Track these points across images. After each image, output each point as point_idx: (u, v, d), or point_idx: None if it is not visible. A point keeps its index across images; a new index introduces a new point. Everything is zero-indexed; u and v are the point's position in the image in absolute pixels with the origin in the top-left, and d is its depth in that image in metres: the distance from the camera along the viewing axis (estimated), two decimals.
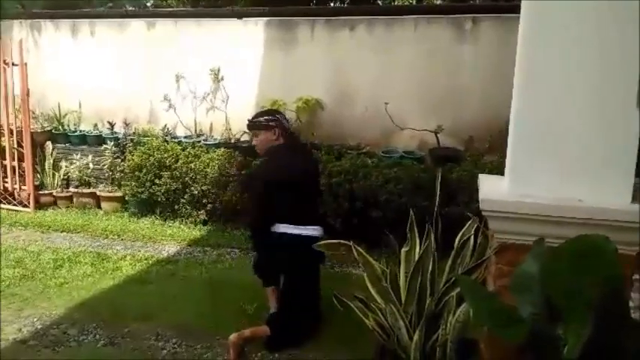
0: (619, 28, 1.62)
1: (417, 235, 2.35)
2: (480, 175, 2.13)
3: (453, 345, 2.03)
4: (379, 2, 9.77)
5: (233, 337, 2.85)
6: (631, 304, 1.63)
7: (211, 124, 5.71)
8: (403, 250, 2.31)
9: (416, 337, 2.05)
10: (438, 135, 4.88)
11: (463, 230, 2.25)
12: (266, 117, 3.15)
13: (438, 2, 10.61)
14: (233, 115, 5.57)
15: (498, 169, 3.06)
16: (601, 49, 1.65)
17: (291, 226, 2.96)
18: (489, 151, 4.73)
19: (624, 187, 1.68)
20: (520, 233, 1.74)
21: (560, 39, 1.68)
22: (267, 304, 3.24)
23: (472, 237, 2.18)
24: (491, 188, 1.88)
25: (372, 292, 2.29)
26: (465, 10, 5.23)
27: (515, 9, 1.99)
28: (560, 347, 1.24)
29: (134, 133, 5.73)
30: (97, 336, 3.10)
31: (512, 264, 1.63)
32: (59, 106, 6.05)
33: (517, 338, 1.31)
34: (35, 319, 3.27)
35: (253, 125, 3.18)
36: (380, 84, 5.17)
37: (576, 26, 1.66)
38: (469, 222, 2.24)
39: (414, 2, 10.34)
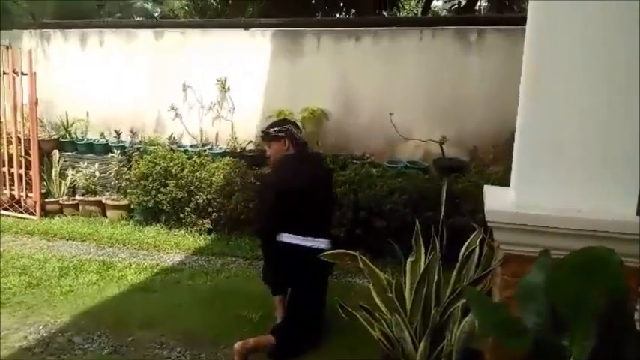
0: (626, 41, 1.63)
1: (422, 245, 2.36)
2: (485, 186, 2.13)
3: (458, 355, 2.03)
4: (384, 13, 9.84)
5: (238, 345, 2.85)
6: (636, 315, 1.63)
7: (217, 133, 5.75)
8: (409, 260, 2.32)
9: (421, 347, 2.05)
10: (443, 145, 4.90)
11: (468, 241, 2.26)
12: (275, 128, 3.18)
13: (443, 14, 10.69)
14: (239, 124, 5.61)
15: (503, 181, 3.07)
16: (607, 61, 1.67)
17: (297, 236, 2.95)
18: (494, 162, 4.74)
19: (629, 199, 1.69)
20: (525, 244, 1.74)
21: (567, 51, 1.70)
22: (272, 313, 3.25)
23: (477, 248, 2.19)
24: (496, 199, 1.89)
25: (378, 301, 2.30)
26: (469, 22, 5.28)
27: (520, 21, 2.02)
28: (564, 358, 1.25)
29: (140, 141, 5.78)
30: (102, 344, 3.11)
31: (517, 275, 1.64)
32: (67, 115, 6.10)
33: (522, 348, 1.32)
34: (41, 327, 3.29)
35: (265, 136, 3.24)
36: (385, 94, 5.20)
37: (582, 39, 1.68)
38: (474, 233, 2.25)
39: (419, 14, 10.42)
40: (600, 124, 1.69)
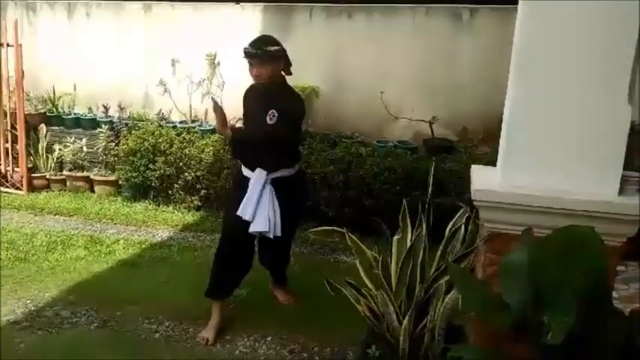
0: (616, 27, 1.64)
1: (409, 223, 2.38)
2: (473, 166, 2.15)
3: (441, 331, 2.07)
4: None
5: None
6: (615, 294, 1.67)
7: (207, 109, 5.68)
8: (395, 238, 2.34)
9: (405, 322, 2.09)
10: (433, 125, 4.90)
11: (454, 219, 2.28)
12: (276, 47, 2.91)
13: None
14: (228, 100, 5.55)
15: (491, 161, 3.09)
16: (595, 41, 1.67)
17: None
18: (483, 142, 4.75)
19: (612, 179, 1.72)
20: (510, 223, 1.77)
21: (557, 31, 1.70)
22: (261, 289, 3.27)
23: (463, 226, 2.21)
24: (483, 179, 1.91)
25: (365, 278, 2.33)
26: (462, 0, 5.23)
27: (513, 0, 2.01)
28: (544, 333, 1.28)
29: (129, 117, 5.71)
30: (90, 318, 3.13)
31: (500, 253, 1.66)
32: (54, 89, 6.00)
33: (503, 325, 1.35)
34: (28, 301, 3.29)
35: (263, 54, 2.91)
36: (376, 73, 5.16)
37: (572, 22, 1.68)
38: (460, 211, 2.27)
39: None
40: (585, 107, 1.71)
